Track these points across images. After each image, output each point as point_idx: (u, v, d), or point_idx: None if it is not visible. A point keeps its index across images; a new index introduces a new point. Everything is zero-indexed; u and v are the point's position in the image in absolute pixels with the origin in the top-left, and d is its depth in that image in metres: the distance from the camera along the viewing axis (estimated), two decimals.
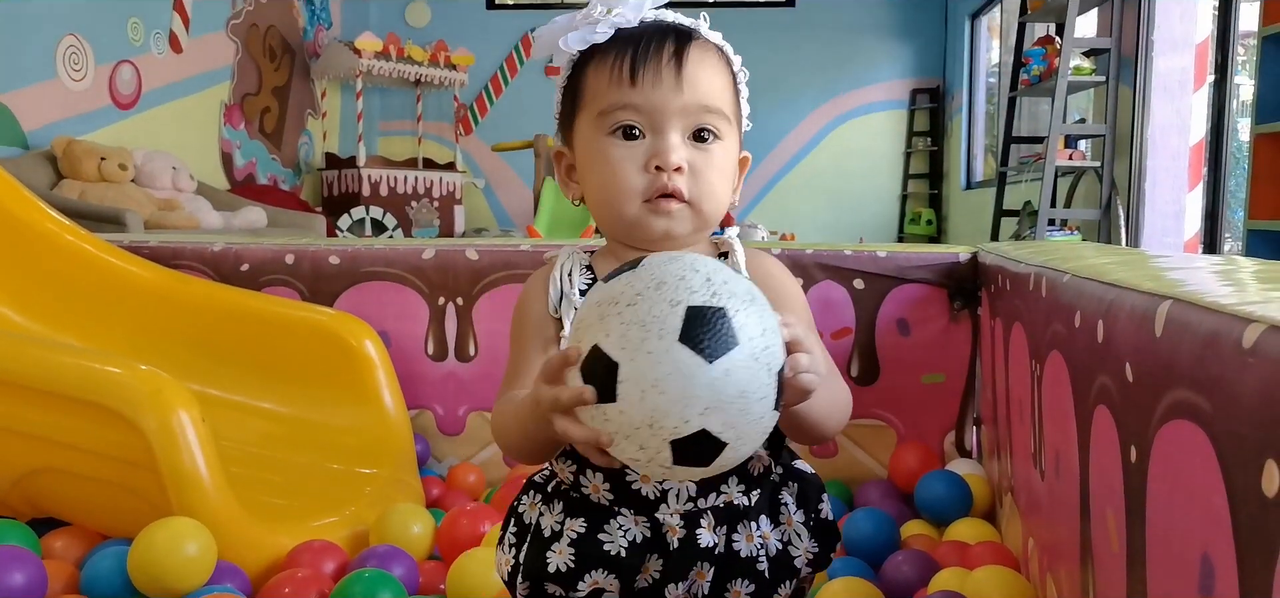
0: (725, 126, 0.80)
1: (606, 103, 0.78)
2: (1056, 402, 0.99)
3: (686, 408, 0.60)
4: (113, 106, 4.91)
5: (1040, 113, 5.90)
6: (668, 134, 0.77)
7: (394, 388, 1.73)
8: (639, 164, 0.77)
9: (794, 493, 0.81)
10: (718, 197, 0.80)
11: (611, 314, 0.63)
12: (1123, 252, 1.23)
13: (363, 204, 6.59)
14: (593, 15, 0.79)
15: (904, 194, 7.89)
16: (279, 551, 1.33)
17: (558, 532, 0.79)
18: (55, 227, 1.88)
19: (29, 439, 1.35)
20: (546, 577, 0.78)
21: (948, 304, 1.76)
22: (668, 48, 0.77)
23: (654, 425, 0.61)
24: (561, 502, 0.80)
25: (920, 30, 7.75)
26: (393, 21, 7.72)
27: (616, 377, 0.61)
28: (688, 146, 0.78)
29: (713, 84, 0.79)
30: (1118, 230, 4.55)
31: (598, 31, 0.78)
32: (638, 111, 0.77)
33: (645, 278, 0.64)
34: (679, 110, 0.77)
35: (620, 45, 0.78)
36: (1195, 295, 0.62)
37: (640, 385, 0.61)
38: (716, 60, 0.80)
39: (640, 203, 0.78)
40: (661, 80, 0.77)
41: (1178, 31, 4.40)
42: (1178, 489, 0.62)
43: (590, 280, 0.83)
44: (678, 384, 0.60)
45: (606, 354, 0.62)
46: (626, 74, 0.77)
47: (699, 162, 0.78)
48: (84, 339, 1.80)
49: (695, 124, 0.78)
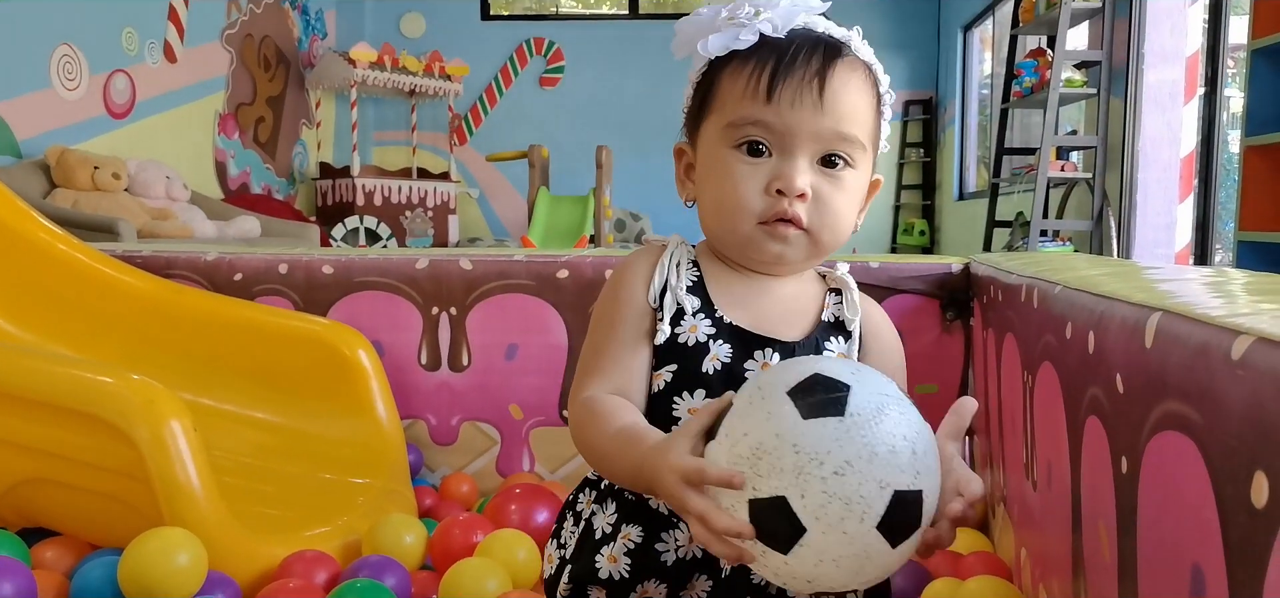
0: (859, 154, 0.75)
1: (737, 114, 0.73)
2: (1048, 413, 1.00)
3: (854, 580, 0.59)
4: (107, 116, 4.91)
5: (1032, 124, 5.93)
6: (796, 157, 0.72)
7: (387, 398, 1.73)
8: (761, 184, 0.73)
9: None
10: (840, 227, 0.75)
11: (813, 475, 0.57)
12: (1114, 263, 1.24)
13: (357, 214, 6.59)
14: (738, 15, 0.73)
15: (897, 205, 7.91)
16: (271, 561, 1.32)
17: (609, 534, 0.76)
18: (48, 236, 1.88)
19: (20, 449, 1.35)
20: (594, 580, 0.75)
21: (940, 315, 1.76)
22: (812, 65, 0.72)
23: (813, 582, 0.59)
24: (615, 502, 0.77)
25: (913, 42, 7.79)
26: (388, 32, 7.73)
27: (798, 540, 0.57)
28: (815, 172, 0.73)
29: (854, 108, 0.74)
30: (1109, 241, 4.57)
31: (741, 38, 0.73)
32: (768, 130, 0.72)
33: (858, 440, 0.58)
34: (812, 134, 0.72)
35: (762, 54, 0.73)
36: (1185, 307, 0.62)
37: (820, 555, 0.58)
38: (862, 81, 0.75)
39: (756, 224, 0.74)
40: (800, 101, 0.72)
41: (1168, 44, 4.43)
42: (1168, 500, 0.62)
43: (696, 277, 0.78)
44: (857, 564, 0.58)
45: (796, 516, 0.57)
46: (764, 88, 0.72)
47: (825, 189, 0.73)
48: (76, 349, 1.80)
49: (827, 149, 0.73)
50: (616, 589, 0.75)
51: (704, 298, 0.77)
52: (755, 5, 0.73)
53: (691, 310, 0.76)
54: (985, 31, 7.14)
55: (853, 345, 0.77)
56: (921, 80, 7.83)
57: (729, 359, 0.74)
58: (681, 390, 0.74)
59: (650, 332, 0.76)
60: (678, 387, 0.74)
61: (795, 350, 0.75)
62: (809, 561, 0.58)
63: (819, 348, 0.77)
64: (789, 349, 0.75)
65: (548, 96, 7.95)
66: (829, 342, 0.77)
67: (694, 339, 0.75)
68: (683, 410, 0.74)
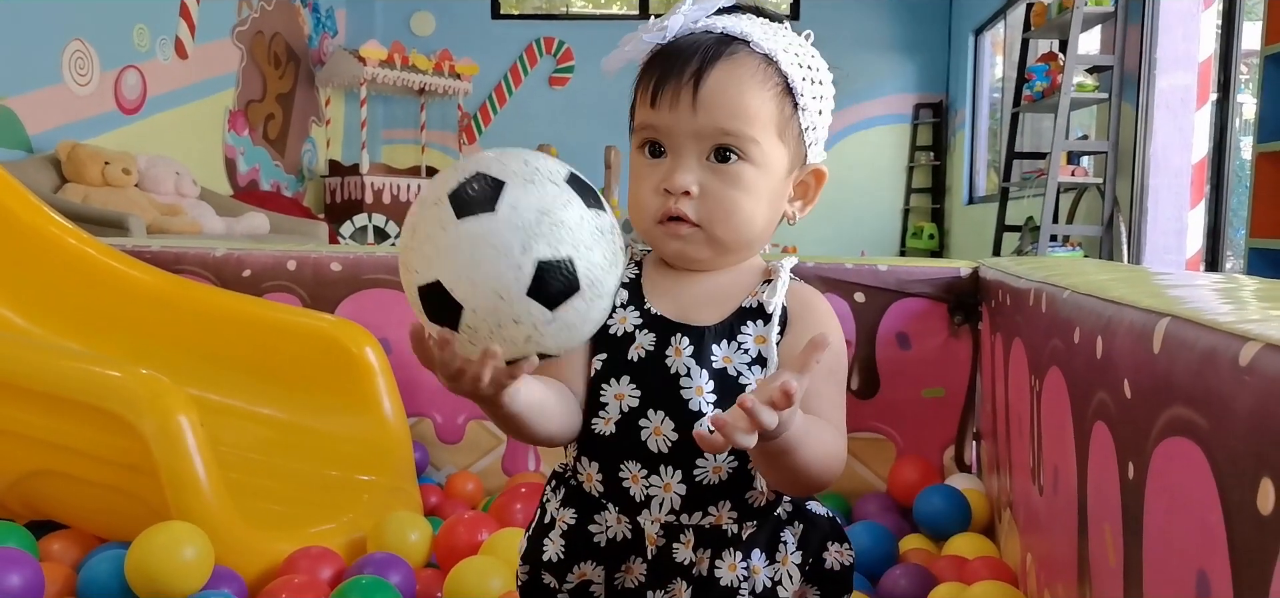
0: (754, 148, 0.76)
1: (637, 120, 0.79)
2: (1055, 417, 1.00)
3: (527, 344, 0.67)
4: (117, 111, 4.93)
5: (1043, 129, 5.91)
6: (681, 156, 0.76)
7: (394, 395, 1.73)
8: (655, 184, 0.77)
9: (797, 534, 0.80)
10: (738, 221, 0.77)
11: (459, 255, 0.68)
12: (1124, 268, 1.23)
13: (366, 212, 6.60)
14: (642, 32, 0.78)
15: (906, 208, 7.90)
16: (276, 557, 1.33)
17: (555, 518, 0.81)
18: (58, 230, 1.89)
19: (28, 442, 1.35)
20: (541, 564, 0.80)
21: (948, 319, 1.76)
22: (690, 67, 0.75)
23: (499, 348, 0.66)
24: (564, 490, 0.82)
25: (924, 45, 7.78)
26: (398, 30, 7.75)
27: (460, 316, 0.68)
28: (705, 169, 0.76)
29: (737, 103, 0.75)
30: (1120, 247, 4.56)
31: (629, 48, 0.78)
32: (657, 132, 0.77)
33: (501, 221, 0.67)
34: (692, 134, 0.75)
35: (654, 62, 0.77)
36: (1194, 313, 0.62)
37: (487, 324, 0.67)
38: (754, 74, 0.76)
39: (654, 223, 0.78)
40: (677, 102, 0.75)
41: (1181, 50, 4.42)
42: (1175, 506, 0.62)
43: (634, 275, 0.83)
44: (520, 330, 0.67)
45: (450, 294, 0.68)
46: (650, 94, 0.77)
47: (713, 185, 0.76)
48: (85, 343, 1.80)
49: (712, 145, 0.75)
50: (556, 570, 0.79)
51: (636, 293, 0.82)
52: (662, 20, 0.78)
53: (620, 304, 0.81)
54: (996, 35, 7.12)
55: (772, 327, 0.78)
56: (932, 84, 7.82)
57: (652, 347, 0.78)
58: (609, 377, 0.79)
59: None
60: (606, 373, 0.79)
61: (707, 335, 0.78)
62: (482, 332, 0.67)
63: (733, 332, 0.79)
64: (700, 334, 0.78)
65: (557, 96, 7.96)
66: (745, 326, 0.79)
67: (622, 330, 0.80)
68: (609, 396, 0.79)
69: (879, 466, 1.79)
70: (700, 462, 0.77)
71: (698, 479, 0.77)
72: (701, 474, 0.77)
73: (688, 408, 0.76)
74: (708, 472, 0.77)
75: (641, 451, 0.77)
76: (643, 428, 0.77)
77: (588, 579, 0.79)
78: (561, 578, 0.79)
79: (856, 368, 1.78)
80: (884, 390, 1.78)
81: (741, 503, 0.78)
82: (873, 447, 1.79)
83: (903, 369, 1.77)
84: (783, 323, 0.79)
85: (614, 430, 0.78)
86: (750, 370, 0.77)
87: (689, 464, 0.77)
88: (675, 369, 0.77)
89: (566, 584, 0.79)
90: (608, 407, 0.78)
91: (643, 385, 0.77)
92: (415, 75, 6.96)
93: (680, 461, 0.77)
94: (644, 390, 0.77)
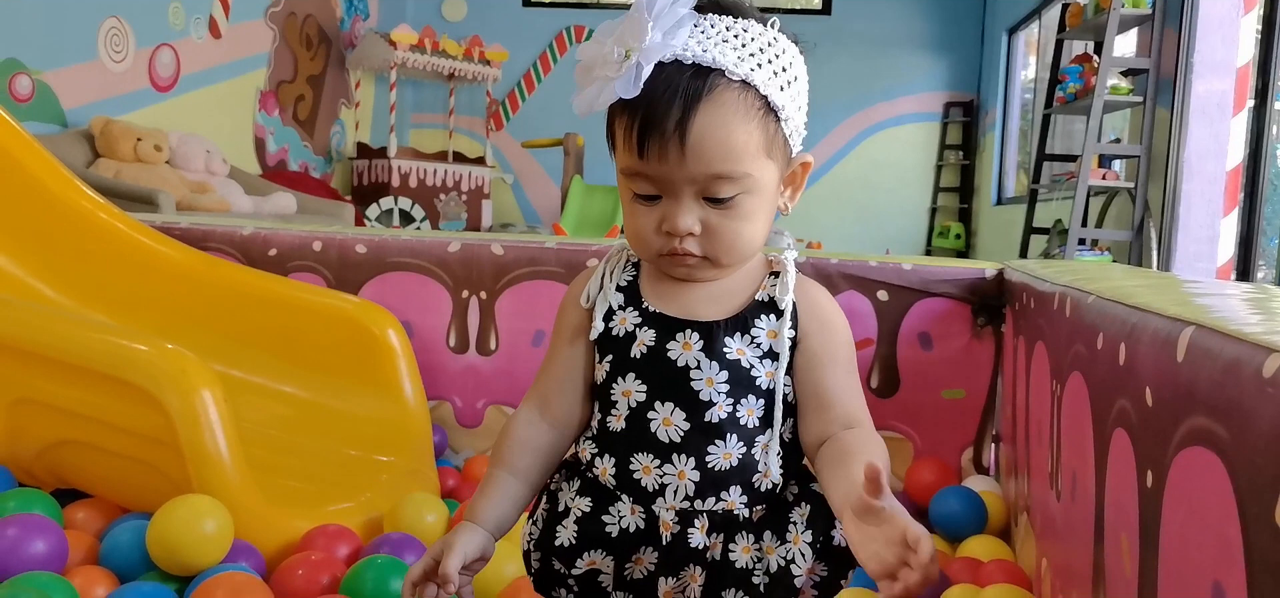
0: (749, 179, 0.75)
1: (624, 164, 0.77)
2: (1075, 423, 0.99)
3: None
4: (151, 89, 4.99)
5: (1074, 131, 5.84)
6: (679, 200, 0.76)
7: (414, 378, 1.74)
8: (654, 225, 0.77)
9: (805, 514, 0.81)
10: (740, 243, 0.78)
11: None
12: (1153, 275, 1.22)
13: (392, 195, 6.63)
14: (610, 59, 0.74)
15: (933, 207, 7.84)
16: (294, 533, 1.34)
17: (568, 507, 0.82)
18: (90, 205, 1.91)
19: (55, 411, 1.38)
20: (553, 551, 0.82)
21: (971, 320, 1.75)
22: (672, 116, 0.72)
23: None
24: (578, 480, 0.84)
25: (956, 44, 7.70)
26: (429, 15, 7.78)
27: None
28: (703, 206, 0.76)
29: (725, 144, 0.73)
30: (1149, 253, 4.50)
31: (601, 98, 0.74)
32: (649, 181, 0.76)
33: None
34: (686, 180, 0.74)
35: (632, 104, 0.73)
36: (1219, 322, 0.61)
37: None
38: (736, 107, 0.74)
39: (659, 256, 0.79)
40: (666, 154, 0.73)
41: (1219, 54, 4.34)
42: (1192, 516, 0.61)
43: (631, 278, 0.85)
44: None
45: None
46: (635, 143, 0.74)
47: (713, 220, 0.76)
48: (113, 315, 1.83)
49: (705, 192, 0.75)
50: (566, 557, 0.81)
51: (633, 294, 0.84)
52: (624, 44, 0.74)
53: (618, 306, 0.83)
54: (1030, 35, 7.04)
55: (784, 322, 0.80)
56: (963, 82, 7.74)
57: (653, 342, 0.80)
58: (617, 376, 0.81)
59: (586, 329, 0.85)
60: (614, 373, 0.82)
61: (718, 329, 0.80)
62: None
63: (746, 326, 0.80)
64: (709, 328, 0.80)
65: None
66: (759, 319, 0.80)
67: (623, 330, 0.82)
68: (618, 393, 0.81)
69: (896, 465, 1.78)
70: (711, 449, 0.78)
71: (710, 466, 0.78)
72: (713, 461, 0.78)
73: (699, 399, 0.78)
74: (719, 458, 0.78)
75: (652, 442, 0.79)
76: (651, 420, 0.79)
77: (596, 568, 0.80)
78: (570, 565, 0.81)
79: (877, 367, 1.77)
80: (904, 390, 1.77)
81: (750, 487, 0.79)
82: (891, 446, 1.77)
83: (923, 369, 1.76)
84: (793, 317, 0.81)
85: (624, 425, 0.80)
86: (762, 363, 0.80)
87: (701, 452, 0.78)
88: (683, 362, 0.79)
89: (575, 571, 0.81)
90: (618, 404, 0.81)
91: (648, 379, 0.80)
92: (445, 60, 6.98)
93: (692, 449, 0.78)
94: (649, 384, 0.80)
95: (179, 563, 1.20)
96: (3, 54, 3.97)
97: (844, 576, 0.82)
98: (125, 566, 1.23)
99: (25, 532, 1.17)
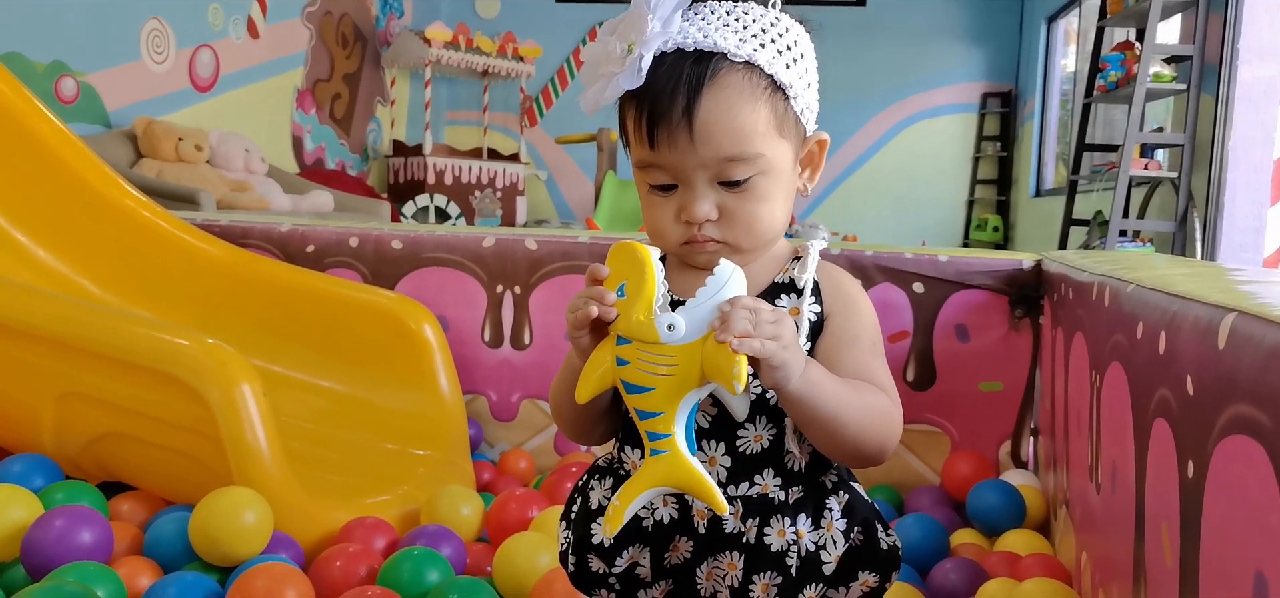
0: (762, 160, 0.76)
1: (637, 157, 0.78)
2: (1115, 414, 0.97)
3: None
4: (191, 89, 5.07)
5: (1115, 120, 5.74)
6: (693, 188, 0.76)
7: (450, 372, 1.76)
8: (672, 214, 0.78)
9: (842, 502, 0.81)
10: (759, 226, 0.78)
11: None
12: (1195, 264, 1.20)
13: (427, 192, 6.69)
14: (613, 55, 0.75)
15: (971, 199, 7.75)
16: (332, 525, 1.36)
17: (603, 506, 0.83)
18: (133, 203, 1.95)
19: (100, 405, 1.41)
20: (590, 550, 0.82)
21: (1009, 312, 1.73)
22: (678, 105, 0.73)
23: None
24: (611, 478, 0.84)
25: (993, 33, 7.60)
26: (463, 12, 7.83)
27: None
28: (719, 191, 0.76)
29: (733, 128, 0.74)
30: (1193, 244, 4.41)
31: (606, 94, 0.75)
32: (663, 170, 0.76)
33: None
34: (698, 166, 0.75)
35: (640, 96, 0.74)
36: (1261, 308, 0.60)
37: None
38: (741, 89, 0.74)
39: (678, 246, 0.79)
40: (675, 143, 0.74)
41: (1265, 40, 4.24)
42: (1234, 506, 0.60)
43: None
44: None
45: None
46: (645, 135, 0.75)
47: (731, 204, 0.76)
48: (156, 311, 1.87)
49: (718, 176, 0.75)
50: (606, 555, 0.81)
51: None
52: (626, 38, 0.74)
53: None
54: (1070, 23, 6.92)
55: (805, 300, 0.80)
56: (1001, 73, 7.64)
57: None
58: None
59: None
60: None
61: None
62: None
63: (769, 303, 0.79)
64: None
65: None
66: (780, 299, 0.80)
67: None
68: None
69: (933, 459, 1.77)
70: (741, 432, 0.78)
71: (740, 450, 0.78)
72: (743, 444, 0.78)
73: None
74: (749, 441, 0.78)
75: None
76: None
77: (635, 561, 0.81)
78: (611, 562, 0.81)
79: (913, 359, 1.75)
80: (940, 382, 1.75)
81: (783, 469, 0.79)
82: (927, 439, 1.77)
83: (960, 362, 1.74)
84: (816, 297, 0.80)
85: None
86: None
87: (731, 436, 0.78)
88: None
89: (616, 568, 0.81)
90: None
91: None
92: (479, 57, 7.02)
93: (722, 434, 0.78)
94: None
95: (220, 554, 1.22)
96: (49, 57, 4.06)
97: (888, 577, 0.82)
98: (168, 556, 1.26)
99: (72, 523, 1.20)
